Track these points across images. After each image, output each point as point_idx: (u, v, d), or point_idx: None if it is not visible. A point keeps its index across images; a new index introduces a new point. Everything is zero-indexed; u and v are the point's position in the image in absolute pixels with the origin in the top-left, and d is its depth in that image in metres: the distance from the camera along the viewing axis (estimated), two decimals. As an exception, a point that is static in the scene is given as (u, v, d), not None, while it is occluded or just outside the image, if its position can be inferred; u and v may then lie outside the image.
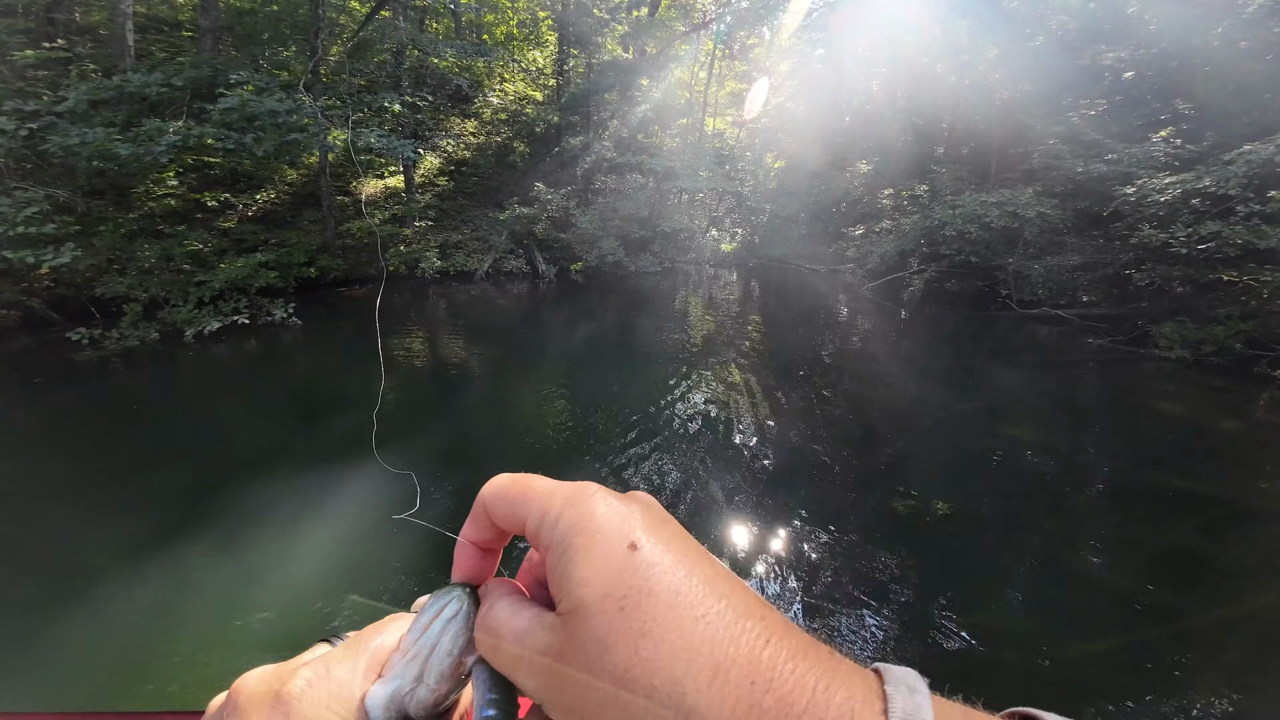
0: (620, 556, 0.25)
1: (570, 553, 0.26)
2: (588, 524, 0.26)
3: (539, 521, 0.27)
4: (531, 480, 0.30)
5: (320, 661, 0.30)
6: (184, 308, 7.26)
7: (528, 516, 0.28)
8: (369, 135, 8.20)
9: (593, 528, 0.26)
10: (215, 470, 4.43)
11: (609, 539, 0.25)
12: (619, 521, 0.26)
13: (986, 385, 7.28)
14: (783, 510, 4.19)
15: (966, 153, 17.36)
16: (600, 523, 0.26)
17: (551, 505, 0.27)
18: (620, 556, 0.25)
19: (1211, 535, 4.01)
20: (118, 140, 6.45)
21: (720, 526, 3.96)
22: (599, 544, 0.25)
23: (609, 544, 0.25)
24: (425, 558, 3.40)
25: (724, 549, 3.73)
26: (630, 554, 0.25)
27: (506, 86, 17.73)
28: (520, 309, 11.17)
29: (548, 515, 0.27)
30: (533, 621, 0.27)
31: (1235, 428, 5.94)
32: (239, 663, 2.72)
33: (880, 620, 3.16)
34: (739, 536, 3.86)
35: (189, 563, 3.35)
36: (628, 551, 0.25)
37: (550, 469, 4.63)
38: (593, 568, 0.25)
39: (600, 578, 0.24)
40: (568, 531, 0.26)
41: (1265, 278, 7.20)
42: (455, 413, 5.81)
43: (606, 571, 0.24)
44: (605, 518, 0.26)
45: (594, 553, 0.25)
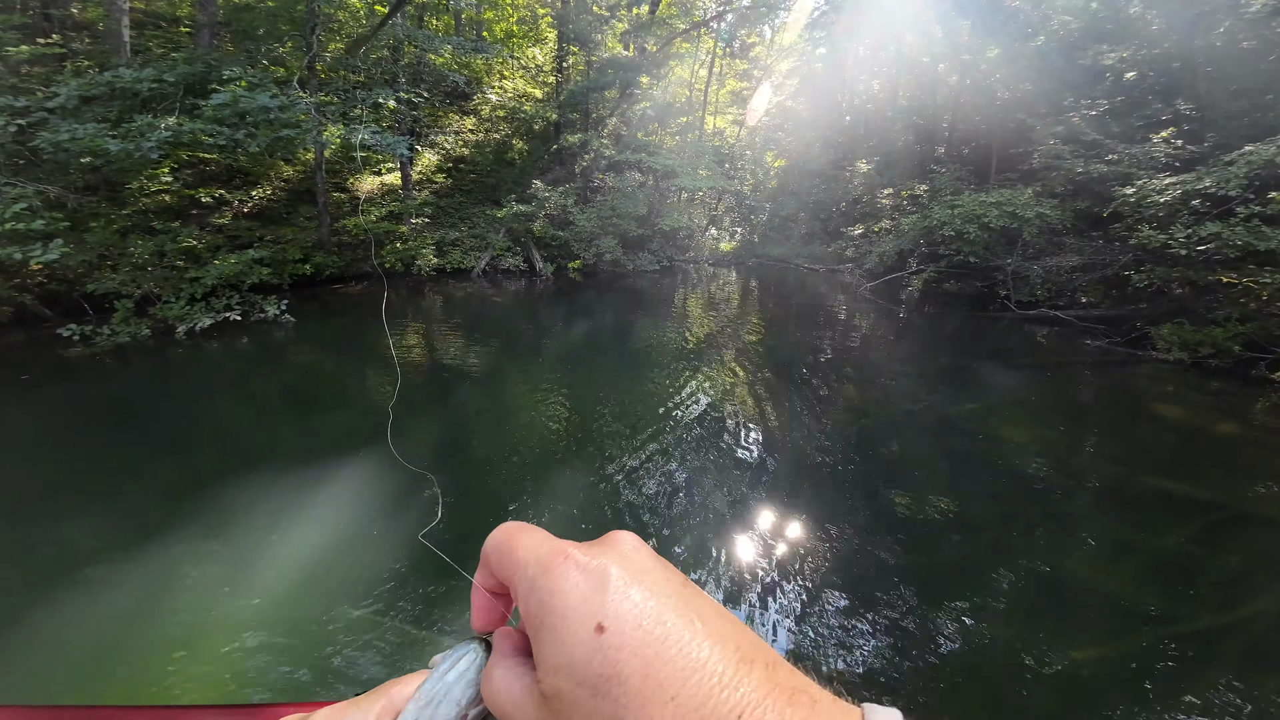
0: (588, 642, 0.25)
1: (543, 633, 0.26)
2: (557, 603, 0.27)
3: (517, 587, 0.29)
4: (518, 537, 0.31)
5: (338, 707, 0.31)
6: (176, 304, 7.23)
7: (512, 578, 0.29)
8: (362, 132, 8.15)
9: (562, 608, 0.26)
10: (202, 466, 4.40)
11: (576, 621, 0.26)
12: (586, 597, 0.26)
13: (984, 386, 7.24)
14: (777, 509, 4.16)
15: (967, 152, 17.29)
16: (569, 601, 0.26)
17: (526, 574, 0.28)
18: (588, 642, 0.25)
19: (1206, 541, 3.98)
20: (108, 136, 6.41)
21: (714, 525, 3.93)
22: (567, 627, 0.26)
23: (576, 627, 0.26)
24: (412, 552, 3.37)
25: (717, 548, 3.70)
26: (597, 637, 0.25)
27: (506, 84, 17.67)
28: (518, 307, 11.14)
29: (523, 584, 0.28)
30: (524, 694, 0.28)
31: (1232, 431, 5.90)
32: (223, 653, 2.71)
33: (871, 625, 3.13)
34: (732, 536, 3.83)
35: (176, 557, 3.33)
36: (594, 635, 0.25)
37: (549, 466, 4.61)
38: (564, 654, 0.25)
39: (571, 665, 0.25)
40: (539, 609, 0.27)
41: (1265, 279, 7.14)
42: (454, 409, 5.79)
43: (575, 659, 0.25)
44: (573, 594, 0.26)
45: (563, 636, 0.26)
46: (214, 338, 7.30)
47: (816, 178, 20.04)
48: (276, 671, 2.66)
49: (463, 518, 3.86)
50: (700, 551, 3.69)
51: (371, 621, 2.93)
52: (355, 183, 12.84)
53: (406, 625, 2.94)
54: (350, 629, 2.89)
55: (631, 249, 15.54)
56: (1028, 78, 14.97)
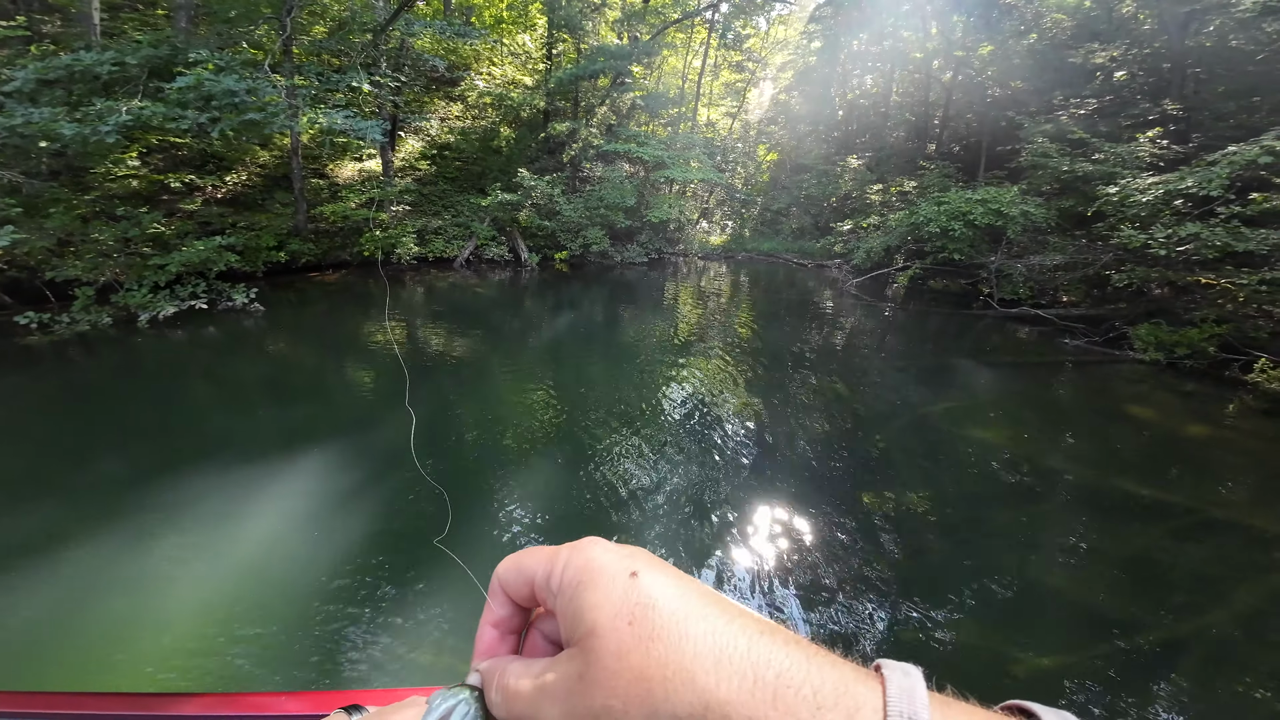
0: (624, 583, 0.28)
1: (580, 589, 0.29)
2: (593, 564, 0.30)
3: (547, 574, 0.31)
4: (536, 550, 0.33)
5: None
6: (138, 292, 7.03)
7: (535, 574, 0.32)
8: (334, 116, 7.93)
9: (597, 566, 0.29)
10: (156, 456, 4.29)
11: (612, 571, 0.29)
12: (619, 558, 0.30)
13: (963, 385, 7.23)
14: (750, 505, 4.14)
15: (958, 150, 17.25)
16: (603, 561, 0.30)
17: (557, 560, 0.31)
18: (624, 583, 0.28)
19: (1173, 545, 3.98)
20: (65, 120, 6.18)
21: (688, 519, 3.89)
22: (604, 576, 0.29)
23: (613, 575, 0.29)
24: (370, 542, 3.28)
25: (688, 541, 3.67)
26: (632, 580, 0.28)
27: (494, 70, 17.35)
28: (502, 298, 10.99)
29: (555, 565, 0.31)
30: (548, 663, 0.30)
31: (1203, 433, 5.91)
32: (173, 641, 2.67)
33: (832, 626, 3.10)
34: (704, 530, 3.79)
35: (117, 549, 3.23)
36: (629, 580, 0.28)
37: (532, 461, 4.53)
38: (601, 594, 0.28)
39: (609, 601, 0.28)
40: (575, 573, 0.30)
41: (1241, 280, 7.15)
42: (439, 403, 5.67)
43: (613, 595, 0.28)
44: (606, 557, 0.30)
45: (600, 584, 0.28)
46: (179, 326, 7.11)
47: (808, 172, 19.93)
48: (236, 657, 2.60)
49: (442, 511, 3.78)
50: (673, 542, 3.65)
51: (332, 614, 2.86)
52: (335, 169, 12.56)
53: (369, 614, 2.87)
54: (305, 622, 2.81)
55: (620, 241, 15.37)
56: (1019, 75, 14.90)
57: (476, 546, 3.42)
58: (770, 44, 25.45)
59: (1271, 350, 6.99)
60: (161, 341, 6.76)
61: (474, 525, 3.66)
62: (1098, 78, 12.73)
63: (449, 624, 2.88)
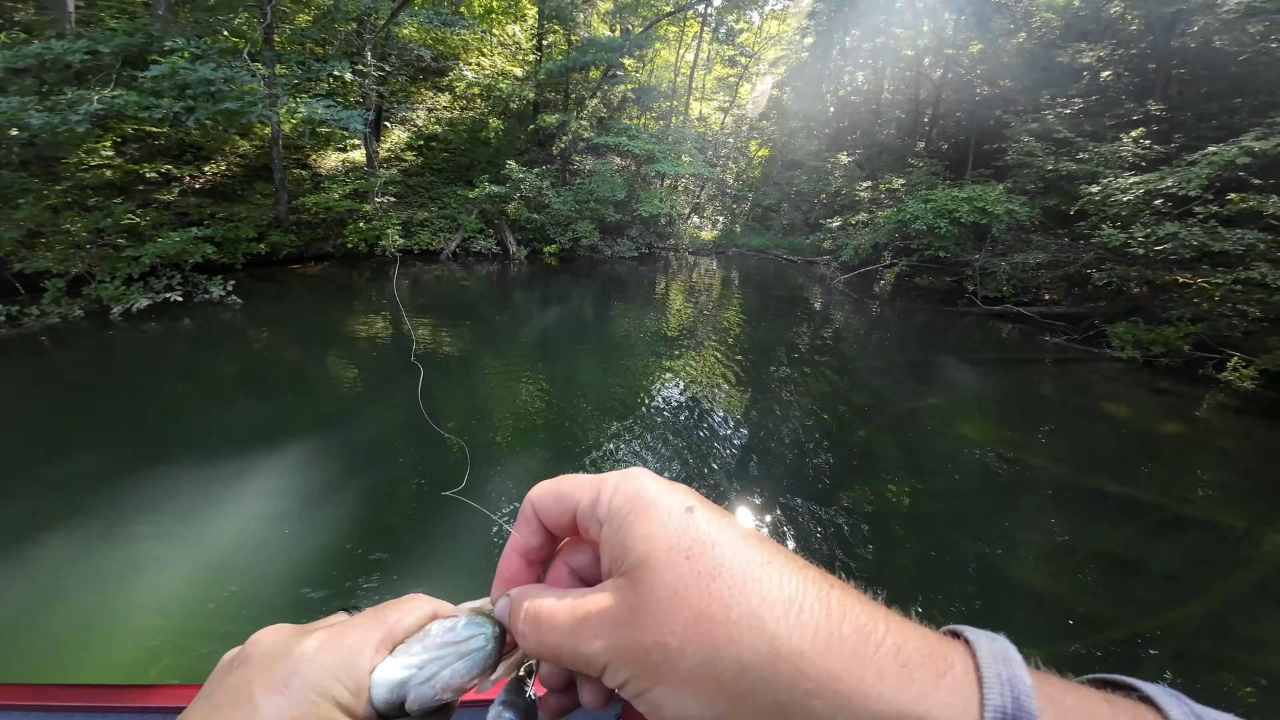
0: (680, 516, 0.26)
1: (630, 518, 0.27)
2: (644, 494, 0.28)
3: (592, 502, 0.29)
4: (577, 475, 0.31)
5: (336, 628, 0.30)
6: (111, 284, 6.88)
7: (579, 501, 0.30)
8: (314, 105, 7.78)
9: (649, 497, 0.27)
10: (126, 450, 4.21)
11: (666, 504, 0.27)
12: (672, 492, 0.28)
13: (945, 382, 7.28)
14: (738, 493, 4.16)
15: (946, 148, 17.32)
16: (655, 493, 0.28)
17: (605, 485, 0.29)
18: (680, 516, 0.26)
19: (1144, 542, 4.03)
20: (33, 110, 6.01)
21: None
22: (658, 508, 0.27)
23: (667, 508, 0.27)
24: (339, 540, 3.25)
25: None
26: (688, 515, 0.26)
27: (483, 60, 17.12)
28: (490, 291, 10.90)
29: (602, 492, 0.29)
30: (588, 592, 0.28)
31: (1176, 431, 6.00)
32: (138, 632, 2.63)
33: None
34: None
35: (82, 544, 3.17)
36: (686, 514, 0.26)
37: (523, 451, 4.46)
38: (655, 525, 0.26)
39: (664, 534, 0.26)
40: (625, 502, 0.28)
41: (1217, 280, 7.25)
42: (426, 394, 5.61)
43: (669, 528, 0.26)
44: (658, 490, 0.28)
45: (654, 515, 0.26)
46: (153, 319, 6.97)
47: (799, 168, 19.92)
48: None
49: (429, 507, 3.74)
50: None
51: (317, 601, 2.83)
52: (318, 159, 12.36)
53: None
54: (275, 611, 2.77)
55: (610, 235, 15.29)
56: (1008, 74, 14.96)
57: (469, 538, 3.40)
58: (763, 39, 25.35)
59: (1244, 349, 7.11)
60: (135, 334, 6.62)
61: (463, 520, 3.64)
62: (1084, 77, 12.82)
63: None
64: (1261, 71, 9.80)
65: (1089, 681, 0.25)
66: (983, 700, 0.22)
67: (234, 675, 0.29)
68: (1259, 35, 9.90)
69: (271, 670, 0.28)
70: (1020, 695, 0.22)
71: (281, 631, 0.31)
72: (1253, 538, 4.11)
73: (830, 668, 0.22)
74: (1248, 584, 3.71)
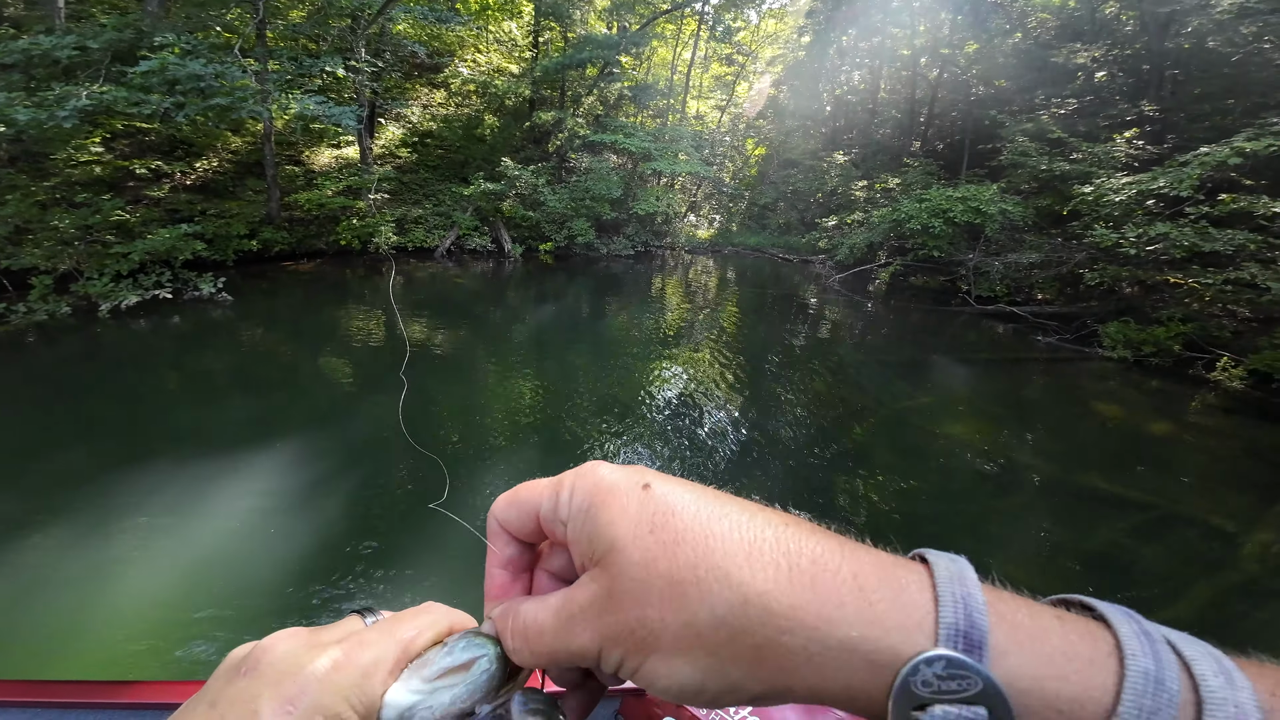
0: (638, 496, 0.27)
1: (592, 510, 0.27)
2: (600, 485, 0.28)
3: (553, 503, 0.29)
4: (534, 481, 0.31)
5: (351, 644, 0.29)
6: (99, 281, 6.82)
7: (539, 505, 0.30)
8: (306, 101, 7.72)
9: (606, 485, 0.28)
10: (112, 447, 4.18)
11: (623, 488, 0.27)
12: (627, 474, 0.28)
13: (938, 381, 7.30)
14: (731, 489, 4.12)
15: (942, 147, 17.35)
16: (611, 480, 0.28)
17: (562, 486, 0.29)
18: (638, 496, 0.27)
19: (1133, 541, 4.05)
20: (20, 105, 5.95)
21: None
22: (616, 494, 0.27)
23: (625, 491, 0.27)
24: (316, 539, 3.23)
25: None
26: (646, 492, 0.27)
27: (479, 57, 17.05)
28: (485, 289, 10.87)
29: (560, 493, 0.29)
30: (566, 592, 0.28)
31: (1165, 430, 6.03)
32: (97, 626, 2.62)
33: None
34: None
35: (68, 540, 3.15)
36: (643, 491, 0.27)
37: (517, 450, 4.42)
38: (617, 510, 0.27)
39: (626, 515, 0.26)
40: (584, 497, 0.28)
41: (1207, 280, 7.28)
42: (416, 393, 5.59)
43: (630, 509, 0.26)
44: (614, 475, 0.28)
45: (614, 501, 0.27)
46: (142, 316, 6.92)
47: (795, 167, 19.91)
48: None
49: (414, 507, 3.72)
50: None
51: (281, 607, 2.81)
52: (311, 155, 12.28)
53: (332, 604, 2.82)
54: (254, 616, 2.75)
55: (606, 233, 15.25)
56: (1003, 74, 14.99)
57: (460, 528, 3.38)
58: (760, 38, 25.31)
59: (1233, 349, 7.15)
60: (123, 332, 6.57)
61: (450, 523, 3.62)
62: (1079, 78, 12.85)
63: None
64: (1254, 72, 9.84)
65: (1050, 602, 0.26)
66: (938, 618, 0.22)
67: (241, 684, 0.28)
68: (1252, 36, 9.94)
69: (281, 686, 0.27)
70: (973, 612, 0.22)
71: (295, 640, 0.30)
72: (1240, 537, 4.13)
73: (794, 602, 0.23)
74: (1234, 583, 3.73)
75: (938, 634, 0.22)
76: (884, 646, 0.22)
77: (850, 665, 0.22)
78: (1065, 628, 0.23)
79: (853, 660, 0.22)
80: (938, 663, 0.22)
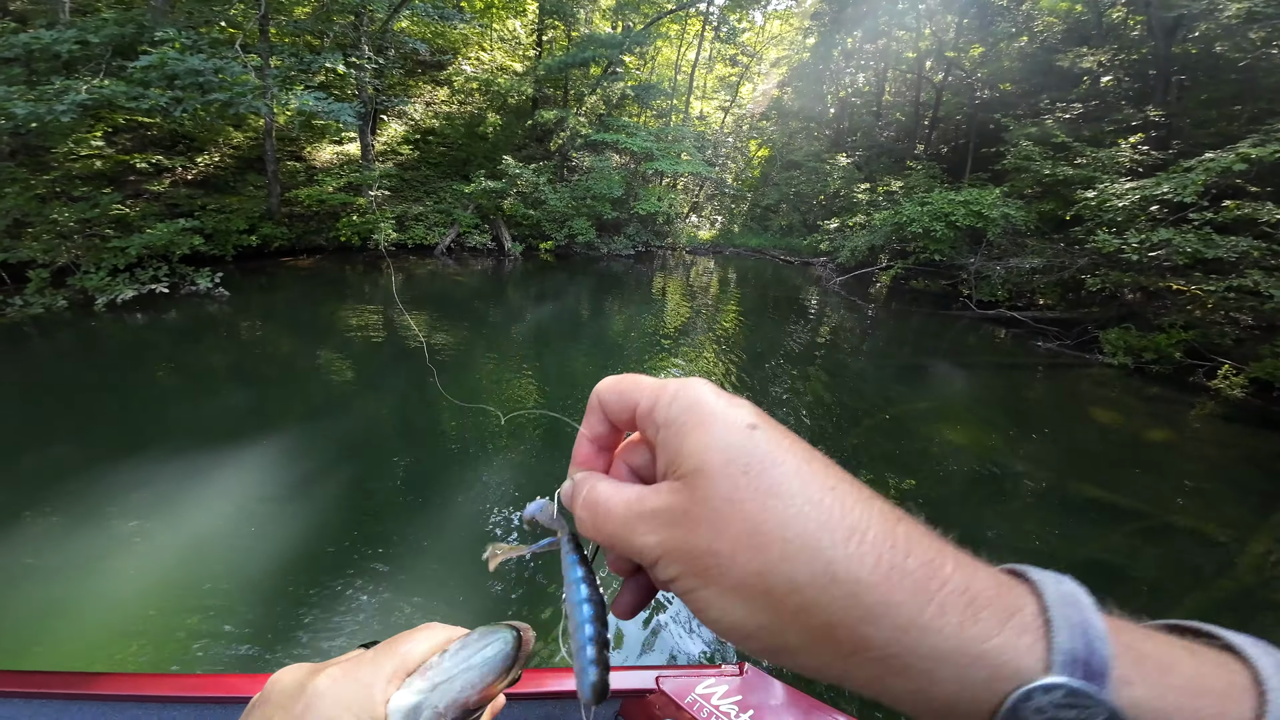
0: (740, 432, 0.25)
1: (687, 427, 0.26)
2: (704, 404, 0.27)
3: (652, 402, 0.29)
4: (640, 377, 0.31)
5: (350, 663, 0.31)
6: (96, 275, 6.84)
7: (639, 400, 0.29)
8: (305, 97, 7.72)
9: (709, 408, 0.26)
10: (101, 442, 4.18)
11: (727, 418, 0.26)
12: (734, 405, 0.27)
13: (937, 386, 7.25)
14: None
15: (946, 150, 17.27)
16: (716, 405, 0.27)
17: (664, 391, 0.28)
18: (740, 432, 0.25)
19: (1126, 551, 4.00)
20: (18, 99, 5.98)
21: None
22: (717, 421, 0.26)
23: (727, 421, 0.26)
24: (308, 536, 3.22)
25: None
26: (750, 432, 0.25)
27: (483, 55, 17.05)
28: (485, 287, 10.86)
29: (662, 396, 0.28)
30: (643, 490, 0.28)
31: (1164, 438, 5.97)
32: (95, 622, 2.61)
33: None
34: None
35: (58, 530, 3.14)
36: (747, 430, 0.25)
37: (515, 450, 4.40)
38: (714, 437, 0.25)
39: (722, 446, 0.25)
40: (684, 410, 0.27)
41: (1210, 287, 7.20)
42: (416, 392, 5.58)
43: (729, 441, 0.25)
44: (718, 402, 0.27)
45: (713, 427, 0.26)
46: (138, 311, 6.93)
47: (798, 169, 19.85)
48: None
49: (427, 501, 3.71)
50: None
51: (282, 598, 2.80)
52: (312, 151, 12.30)
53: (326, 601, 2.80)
54: (244, 607, 2.74)
55: (606, 232, 15.23)
56: (1008, 77, 14.90)
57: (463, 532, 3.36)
58: (765, 39, 25.26)
59: (1235, 357, 7.07)
60: (118, 325, 6.58)
61: (449, 517, 3.61)
62: (1084, 82, 12.76)
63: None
64: (1262, 78, 9.74)
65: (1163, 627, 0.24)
66: (1052, 643, 0.21)
67: (255, 714, 0.30)
68: (1260, 41, 9.85)
69: (288, 708, 0.29)
70: (1093, 639, 0.21)
71: (299, 670, 0.32)
72: (1235, 546, 4.08)
73: (890, 598, 0.22)
74: (1229, 592, 3.68)
75: (1051, 660, 0.21)
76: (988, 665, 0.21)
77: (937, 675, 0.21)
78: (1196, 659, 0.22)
79: (941, 671, 0.21)
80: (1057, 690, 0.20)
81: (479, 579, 3.14)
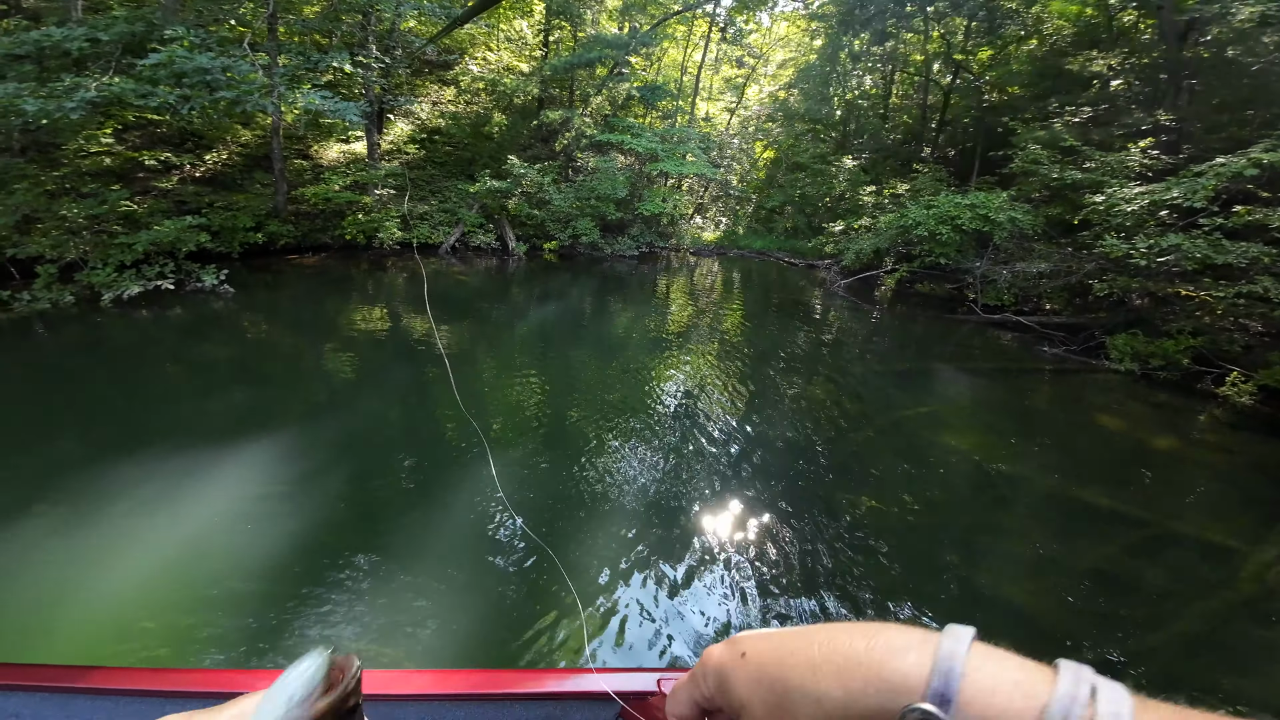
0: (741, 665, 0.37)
1: (721, 688, 0.39)
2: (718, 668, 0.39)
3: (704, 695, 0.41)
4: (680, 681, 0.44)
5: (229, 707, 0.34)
6: (103, 270, 6.90)
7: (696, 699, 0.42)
8: (312, 96, 7.77)
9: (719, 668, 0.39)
10: (104, 437, 4.21)
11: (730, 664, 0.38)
12: (729, 650, 0.39)
13: (941, 390, 7.21)
14: (729, 497, 4.14)
15: (953, 154, 17.18)
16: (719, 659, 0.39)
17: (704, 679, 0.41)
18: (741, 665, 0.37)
19: (1129, 560, 3.95)
20: (28, 96, 6.05)
21: (672, 511, 3.86)
22: (727, 670, 0.38)
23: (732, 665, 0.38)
24: (292, 541, 3.23)
25: (672, 533, 3.64)
26: (745, 660, 0.37)
27: (489, 55, 17.11)
28: (489, 286, 10.88)
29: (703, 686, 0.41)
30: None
31: (1170, 446, 5.90)
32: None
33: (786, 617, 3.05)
34: (684, 520, 3.76)
35: (57, 525, 3.16)
36: (743, 660, 0.37)
37: (521, 453, 4.42)
38: (735, 681, 0.37)
39: (742, 684, 0.37)
40: (714, 681, 0.39)
41: (1219, 293, 7.13)
42: (417, 392, 5.59)
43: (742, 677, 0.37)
44: (721, 656, 0.39)
45: (732, 676, 0.38)
46: (143, 306, 6.98)
47: (804, 171, 19.79)
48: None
49: (431, 501, 3.72)
50: (645, 532, 3.60)
51: (242, 602, 2.80)
52: (319, 150, 12.37)
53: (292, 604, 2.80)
54: (227, 606, 2.75)
55: (611, 233, 15.24)
56: (1016, 80, 14.80)
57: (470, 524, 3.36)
58: (772, 40, 25.21)
59: (1243, 364, 6.99)
60: (124, 321, 6.63)
61: (446, 521, 3.61)
62: (1094, 86, 12.66)
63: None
64: (1274, 83, 9.64)
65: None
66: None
67: None
68: (1273, 46, 9.74)
69: None
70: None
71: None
72: (1241, 555, 4.03)
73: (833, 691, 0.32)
74: (1233, 602, 3.64)
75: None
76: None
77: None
78: None
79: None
80: None
81: (479, 579, 3.14)
